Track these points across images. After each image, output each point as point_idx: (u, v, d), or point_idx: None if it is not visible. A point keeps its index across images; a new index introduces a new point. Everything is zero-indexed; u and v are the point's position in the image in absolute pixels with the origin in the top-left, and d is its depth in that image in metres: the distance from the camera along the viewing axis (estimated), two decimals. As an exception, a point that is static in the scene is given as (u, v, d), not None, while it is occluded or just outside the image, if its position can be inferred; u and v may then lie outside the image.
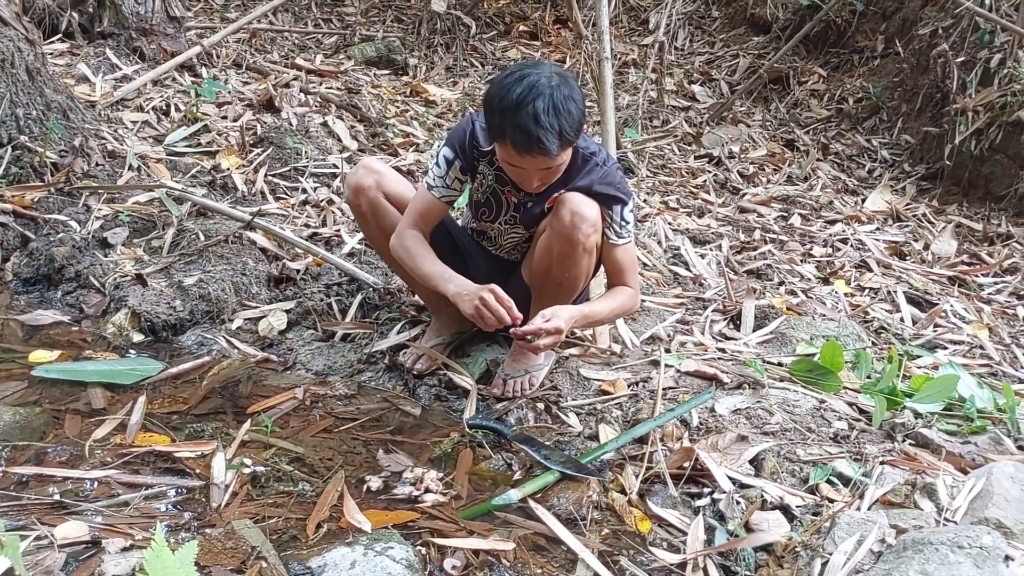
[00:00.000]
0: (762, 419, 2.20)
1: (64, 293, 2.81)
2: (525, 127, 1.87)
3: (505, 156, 2.00)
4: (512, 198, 2.27)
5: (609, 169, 2.18)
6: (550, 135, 1.88)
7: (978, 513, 1.79)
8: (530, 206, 2.26)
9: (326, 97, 4.63)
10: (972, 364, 2.85)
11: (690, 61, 6.64)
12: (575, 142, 2.00)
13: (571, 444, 2.19)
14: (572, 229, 2.10)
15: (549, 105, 1.87)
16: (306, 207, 3.46)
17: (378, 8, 6.83)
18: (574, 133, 1.94)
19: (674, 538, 1.84)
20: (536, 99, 1.87)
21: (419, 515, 1.82)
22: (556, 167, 2.03)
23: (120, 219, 3.09)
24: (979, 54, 4.85)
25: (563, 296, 2.31)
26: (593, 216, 2.12)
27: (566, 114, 1.89)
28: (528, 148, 1.90)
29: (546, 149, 1.89)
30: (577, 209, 2.10)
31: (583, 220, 2.10)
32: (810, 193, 4.70)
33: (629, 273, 2.30)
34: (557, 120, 1.88)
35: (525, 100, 1.87)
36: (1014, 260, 3.98)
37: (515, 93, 1.89)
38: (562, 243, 2.14)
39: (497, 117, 1.92)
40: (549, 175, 2.06)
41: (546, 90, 1.89)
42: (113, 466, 1.89)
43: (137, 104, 4.03)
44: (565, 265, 2.19)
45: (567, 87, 1.92)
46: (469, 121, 2.20)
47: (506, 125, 1.89)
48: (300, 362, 2.57)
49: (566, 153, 2.01)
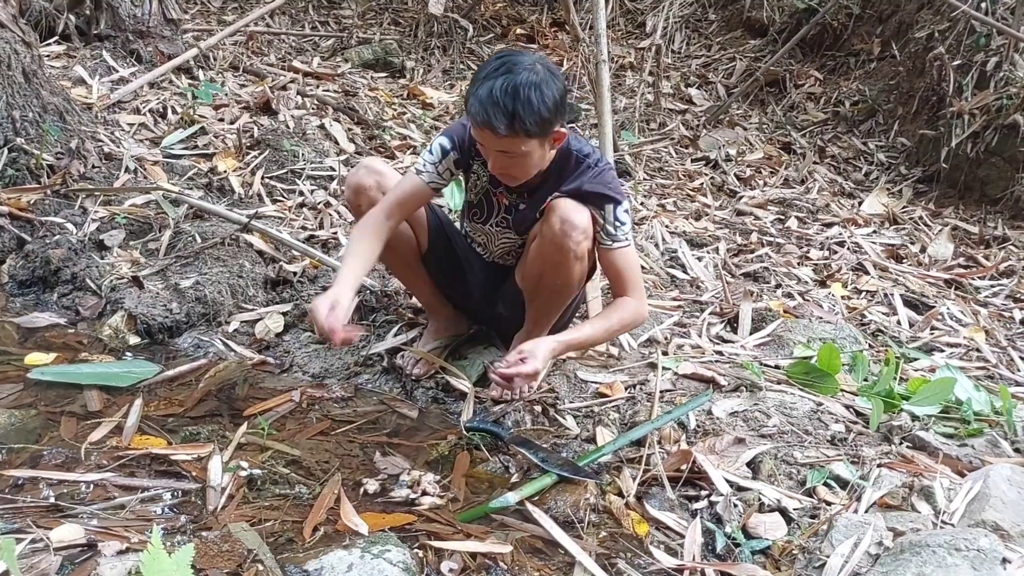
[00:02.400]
0: (759, 422, 2.20)
1: (60, 295, 2.80)
2: (480, 98, 1.88)
3: (479, 136, 1.99)
4: (504, 200, 2.26)
5: (601, 170, 2.15)
6: (499, 113, 1.86)
7: (975, 516, 1.79)
8: (522, 208, 2.23)
9: (323, 100, 4.63)
10: (969, 367, 2.85)
11: (687, 64, 6.65)
12: (534, 134, 1.93)
13: (568, 447, 2.19)
14: (562, 236, 2.08)
15: (509, 85, 1.86)
16: (303, 209, 3.46)
17: (375, 11, 6.84)
18: (532, 123, 1.89)
19: (672, 541, 1.84)
20: (500, 77, 1.88)
21: (416, 518, 1.82)
22: (517, 157, 1.98)
23: (116, 221, 3.08)
24: (975, 57, 4.87)
25: (556, 301, 2.30)
26: (583, 223, 2.09)
27: (524, 100, 1.86)
28: (476, 120, 1.90)
29: (491, 124, 1.88)
30: (567, 216, 2.08)
31: (573, 227, 2.07)
32: (807, 196, 4.71)
33: (628, 281, 2.20)
34: (512, 102, 1.86)
35: (491, 76, 1.89)
36: (1010, 263, 3.99)
37: (488, 69, 1.91)
38: (552, 250, 2.12)
39: (471, 89, 1.93)
40: (509, 163, 2.01)
41: (515, 73, 1.88)
42: (109, 469, 1.88)
43: (134, 106, 4.03)
44: (556, 272, 2.17)
45: (539, 78, 1.90)
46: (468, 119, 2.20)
47: (472, 95, 1.91)
48: (297, 364, 2.57)
49: (525, 144, 1.95)
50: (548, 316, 2.36)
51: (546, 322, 2.37)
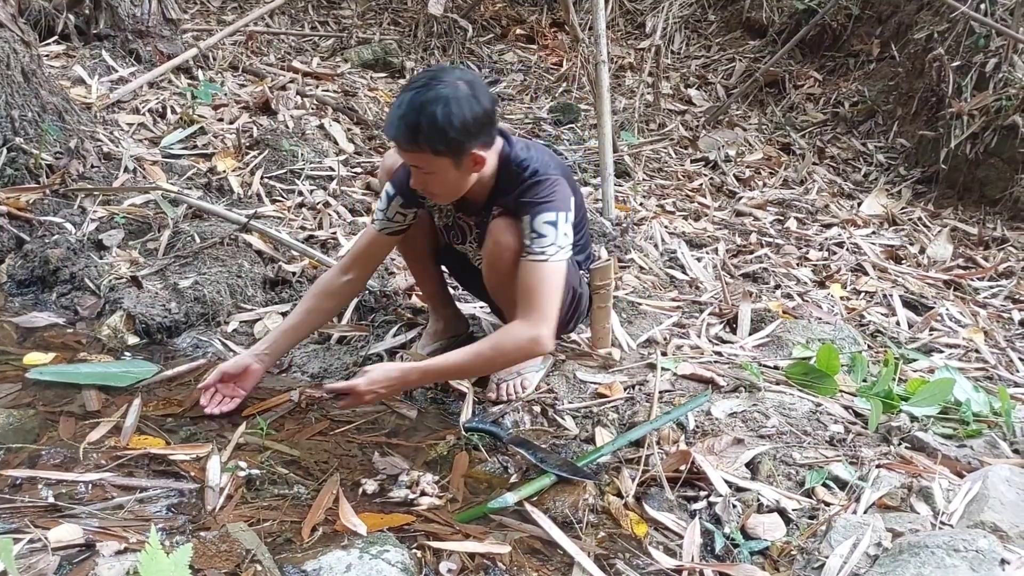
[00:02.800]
0: (758, 422, 2.20)
1: (59, 295, 2.80)
2: (392, 110, 1.92)
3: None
4: (469, 221, 2.27)
5: (536, 180, 2.06)
6: (402, 125, 1.88)
7: (974, 516, 1.79)
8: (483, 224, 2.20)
9: (322, 100, 4.63)
10: (968, 368, 2.86)
11: (686, 65, 6.65)
12: (440, 151, 1.91)
13: (567, 447, 2.18)
14: (495, 258, 2.11)
15: (419, 99, 1.87)
16: (302, 210, 3.46)
17: (375, 11, 6.84)
18: (434, 139, 1.88)
19: (670, 541, 1.84)
20: (416, 90, 1.89)
21: (415, 518, 1.81)
22: (429, 175, 1.98)
23: (115, 221, 3.08)
24: (974, 58, 4.87)
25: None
26: (512, 244, 2.07)
27: (428, 115, 1.85)
28: (388, 134, 1.94)
29: (394, 137, 1.92)
30: (499, 237, 2.08)
31: (504, 248, 2.08)
32: (806, 197, 4.71)
33: (530, 301, 2.03)
34: (416, 116, 1.86)
35: (409, 88, 1.91)
36: (1009, 264, 3.99)
37: (412, 81, 1.94)
38: (489, 270, 2.18)
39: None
40: (425, 180, 2.01)
41: (431, 88, 1.88)
42: (107, 469, 1.88)
43: (133, 106, 4.03)
44: (499, 290, 2.22)
45: (455, 95, 1.87)
46: None
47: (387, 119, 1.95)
48: (295, 364, 2.57)
49: (431, 161, 1.94)
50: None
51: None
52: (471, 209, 2.22)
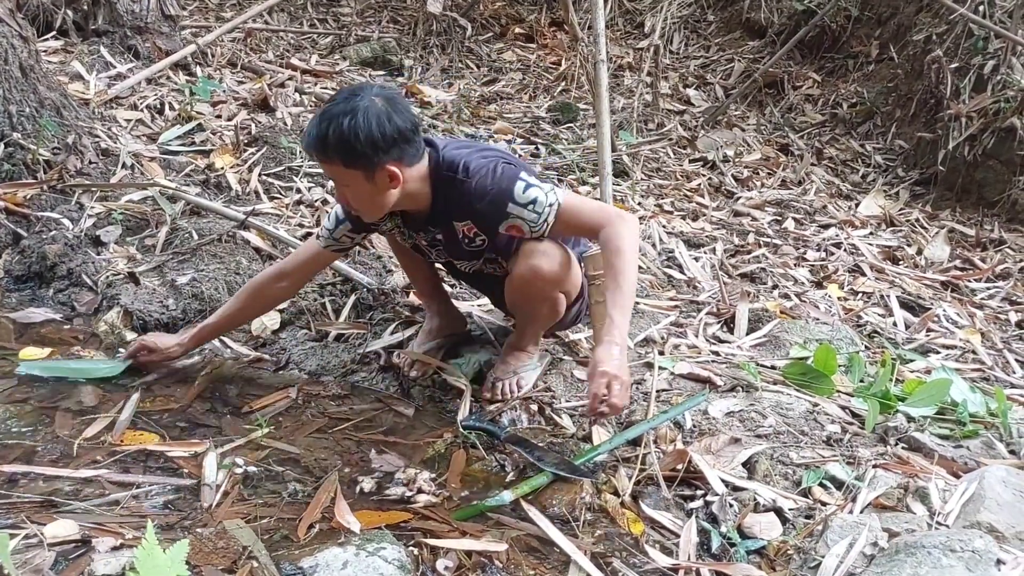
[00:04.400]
0: (755, 422, 2.20)
1: (56, 291, 2.80)
2: (308, 128, 1.96)
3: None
4: (423, 239, 2.25)
5: (473, 180, 2.03)
6: (311, 136, 1.92)
7: (970, 517, 1.79)
8: (439, 238, 2.19)
9: (321, 97, 4.62)
10: (964, 369, 2.86)
11: (685, 65, 6.65)
12: (348, 163, 1.92)
13: (564, 445, 2.18)
14: (526, 284, 2.13)
15: (329, 112, 1.90)
16: (300, 207, 3.45)
17: (374, 9, 6.84)
18: (339, 151, 1.89)
19: (667, 540, 1.84)
20: (328, 104, 1.93)
21: (412, 516, 1.81)
22: (345, 188, 2.00)
23: (113, 217, 3.07)
24: (973, 60, 4.88)
25: (537, 324, 2.35)
26: (549, 269, 2.09)
27: (336, 125, 1.87)
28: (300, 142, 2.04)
29: (306, 145, 1.97)
30: (534, 263, 2.09)
31: (538, 276, 2.10)
32: (804, 197, 4.71)
33: (590, 220, 2.05)
34: (327, 127, 1.88)
35: (329, 101, 1.95)
36: (1006, 265, 4.00)
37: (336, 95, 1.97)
38: (518, 293, 2.20)
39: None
40: (344, 192, 2.02)
41: (347, 101, 1.90)
42: (103, 465, 1.88)
43: (131, 102, 4.02)
44: (525, 308, 2.28)
45: (367, 108, 1.88)
46: None
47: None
48: (293, 362, 2.56)
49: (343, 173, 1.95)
50: (535, 331, 2.39)
51: (534, 334, 2.41)
52: (416, 225, 2.19)
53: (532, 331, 2.38)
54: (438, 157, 2.06)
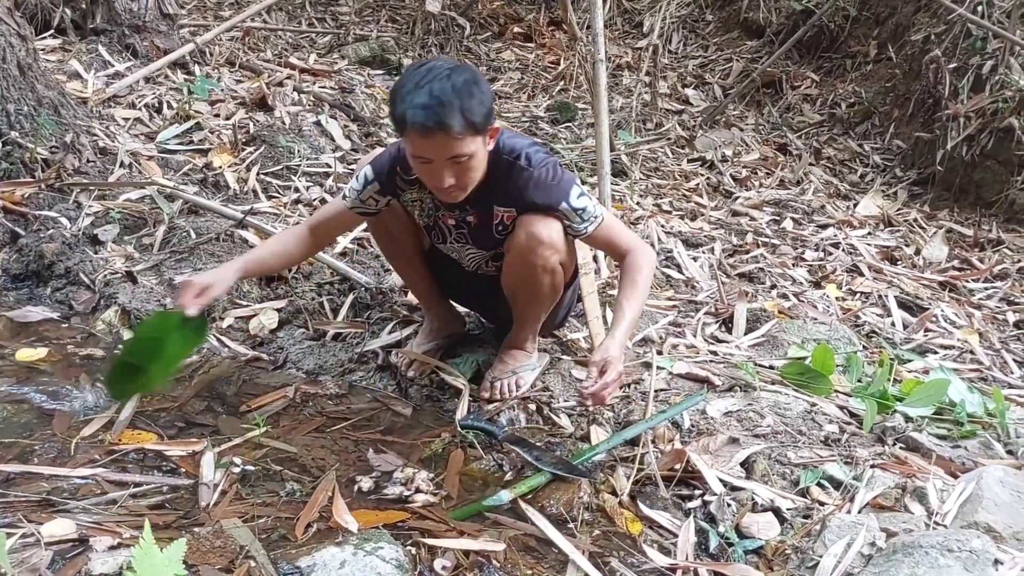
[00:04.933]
0: (753, 422, 2.20)
1: (53, 290, 2.79)
2: (425, 104, 1.79)
3: (412, 150, 1.89)
4: (450, 220, 2.20)
5: (536, 171, 2.07)
6: (450, 110, 1.79)
7: (968, 517, 1.80)
8: (471, 222, 2.18)
9: (319, 96, 4.62)
10: (962, 369, 2.86)
11: (684, 64, 6.66)
12: (481, 130, 1.89)
13: (562, 445, 2.18)
14: (528, 252, 2.09)
15: (448, 84, 1.80)
16: (298, 206, 3.45)
17: (372, 8, 6.83)
18: (479, 117, 1.85)
19: (665, 540, 1.84)
20: (434, 79, 1.80)
21: (409, 515, 1.81)
22: (466, 160, 1.90)
23: (111, 216, 3.07)
24: (971, 60, 4.88)
25: (535, 309, 2.32)
26: (550, 237, 2.08)
27: (467, 94, 1.81)
28: (429, 126, 1.79)
29: (446, 124, 1.79)
30: (533, 230, 2.07)
31: (539, 243, 2.08)
32: (802, 197, 4.71)
33: (621, 243, 2.18)
34: (458, 97, 1.80)
35: (423, 81, 1.81)
36: (1004, 266, 4.00)
37: (414, 78, 1.83)
38: (520, 264, 2.14)
39: (399, 105, 1.83)
40: (461, 170, 1.92)
41: (444, 72, 1.82)
42: (101, 464, 1.88)
43: (129, 101, 4.01)
44: (526, 285, 2.20)
45: (468, 73, 1.86)
46: (395, 146, 2.13)
47: (407, 108, 1.80)
48: (291, 361, 2.56)
49: (474, 142, 1.89)
50: (533, 321, 2.38)
51: (532, 327, 2.39)
52: (454, 204, 2.10)
53: (532, 321, 2.36)
54: (498, 139, 2.06)
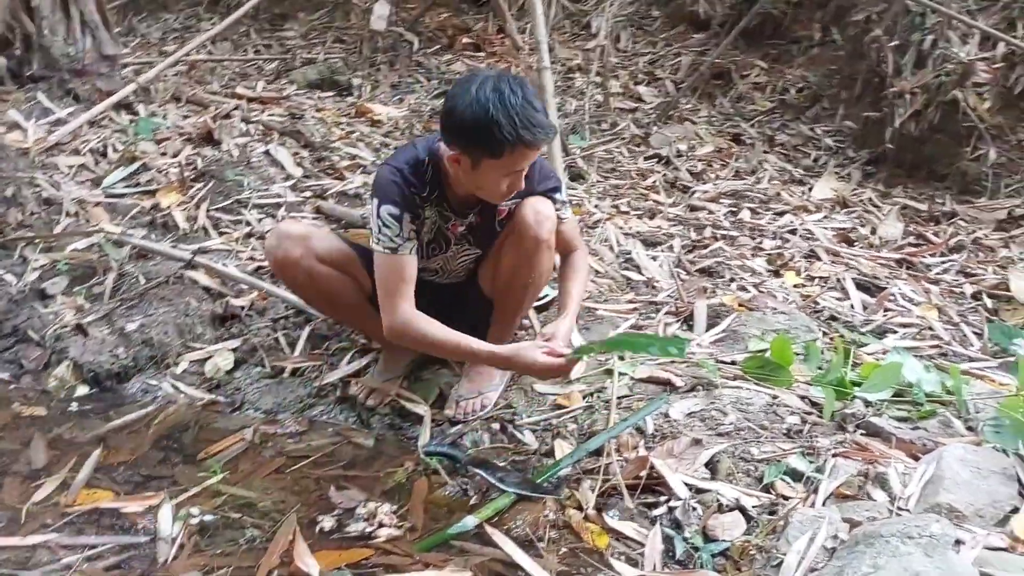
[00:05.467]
0: (716, 420, 2.20)
1: (1, 350, 2.74)
2: (541, 123, 1.97)
3: (512, 164, 2.02)
4: (458, 228, 2.29)
5: (536, 164, 2.24)
6: (546, 117, 2.01)
7: (930, 499, 1.81)
8: (474, 223, 2.29)
9: (268, 125, 4.57)
10: (922, 346, 2.88)
11: (634, 62, 6.67)
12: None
13: (528, 462, 2.17)
14: (537, 227, 2.20)
15: (530, 94, 1.98)
16: (250, 240, 3.40)
17: (318, 30, 6.79)
18: None
19: (632, 551, 1.83)
20: (522, 95, 1.95)
21: (373, 552, 1.80)
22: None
23: (58, 268, 3.02)
24: (912, 37, 4.92)
25: (527, 297, 2.39)
26: (552, 214, 2.25)
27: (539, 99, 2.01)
28: (543, 138, 2.00)
29: (554, 129, 2.05)
30: (538, 208, 2.22)
31: (546, 218, 2.22)
32: (758, 186, 4.73)
33: (575, 239, 2.46)
34: (539, 102, 2.00)
35: (514, 100, 1.93)
36: (960, 238, 4.04)
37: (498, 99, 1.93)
38: (528, 242, 2.21)
39: (505, 129, 1.92)
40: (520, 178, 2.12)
41: (515, 84, 1.96)
42: (54, 528, 1.84)
43: (73, 147, 3.95)
44: (531, 264, 2.26)
45: (518, 77, 2.03)
46: (393, 172, 2.14)
47: (517, 129, 1.93)
48: (248, 401, 2.53)
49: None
50: (518, 315, 2.46)
51: (514, 322, 2.46)
52: (462, 208, 2.25)
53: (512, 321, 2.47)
54: None
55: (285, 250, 2.26)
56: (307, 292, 2.43)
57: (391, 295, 2.15)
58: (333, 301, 2.40)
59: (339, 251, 2.33)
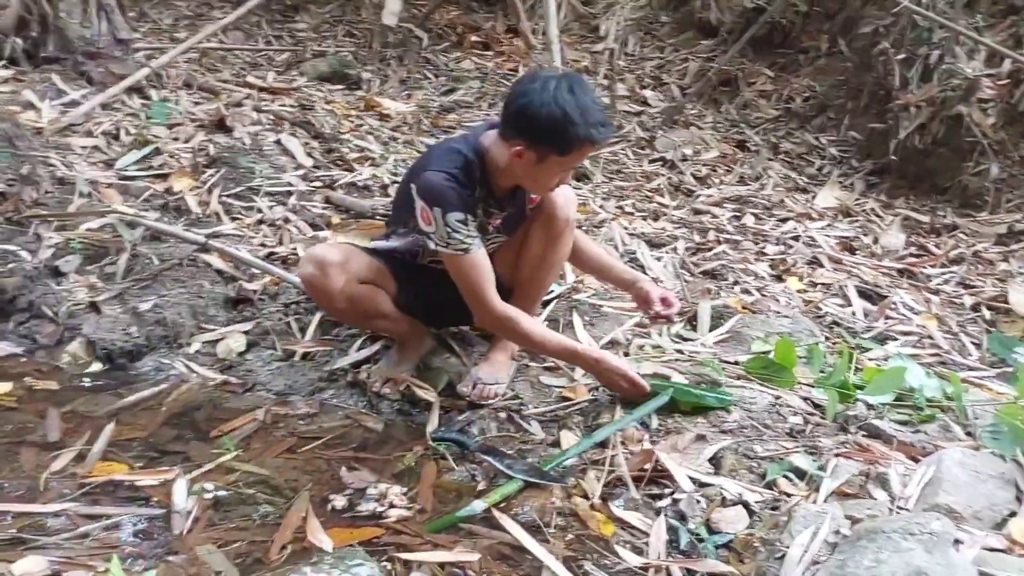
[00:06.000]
0: (720, 417, 2.24)
1: (16, 324, 2.76)
2: (601, 120, 2.08)
3: (576, 161, 2.17)
4: (497, 220, 2.36)
5: None
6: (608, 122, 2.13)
7: (929, 499, 1.85)
8: (510, 213, 2.38)
9: (279, 115, 4.61)
10: (922, 354, 2.93)
11: (641, 66, 6.72)
12: None
13: (534, 451, 2.21)
14: (567, 209, 2.35)
15: (595, 96, 2.12)
16: (262, 226, 3.44)
17: (329, 23, 6.83)
18: None
19: (637, 540, 1.87)
20: (591, 97, 2.09)
21: (384, 531, 1.83)
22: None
23: (72, 247, 3.04)
24: (919, 51, 4.99)
25: (549, 278, 2.52)
26: (575, 198, 2.43)
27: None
28: (608, 135, 2.15)
29: (613, 129, 2.24)
30: (567, 194, 2.37)
31: (573, 202, 2.39)
32: (762, 192, 4.78)
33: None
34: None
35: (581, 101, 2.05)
36: (960, 250, 4.10)
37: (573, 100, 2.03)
38: (559, 223, 2.36)
39: (579, 128, 2.03)
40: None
41: (583, 86, 2.08)
42: (71, 498, 1.87)
43: (86, 129, 3.98)
44: (557, 246, 2.40)
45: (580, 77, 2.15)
46: (447, 178, 2.15)
47: (589, 127, 2.05)
48: (260, 383, 2.56)
49: None
50: (539, 296, 2.59)
51: (536, 303, 2.58)
52: (504, 201, 2.34)
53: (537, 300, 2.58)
54: None
55: (328, 278, 2.25)
56: (345, 315, 2.50)
57: (482, 291, 2.23)
58: (369, 315, 2.43)
59: (372, 267, 2.35)
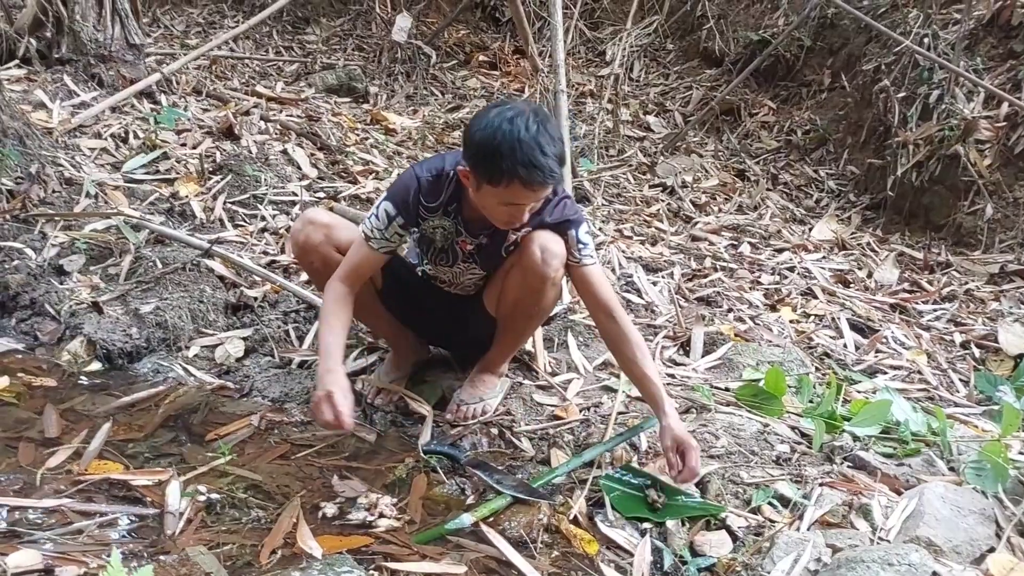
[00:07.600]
0: (708, 442, 2.27)
1: (18, 321, 2.80)
2: (535, 161, 1.89)
3: (509, 197, 1.97)
4: (467, 247, 2.28)
5: (557, 201, 2.21)
6: (553, 163, 1.92)
7: (910, 532, 1.88)
8: (485, 244, 2.27)
9: (286, 125, 4.67)
10: (911, 389, 2.96)
11: (645, 92, 6.81)
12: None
13: (524, 468, 2.24)
14: (543, 265, 2.18)
15: (547, 137, 1.91)
16: (264, 235, 3.48)
17: (339, 36, 6.90)
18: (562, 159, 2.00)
19: (621, 559, 1.90)
20: (535, 134, 1.89)
21: (373, 540, 1.85)
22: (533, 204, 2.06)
23: (76, 246, 3.08)
24: (919, 90, 5.07)
25: (530, 325, 2.45)
26: (561, 252, 2.20)
27: (559, 140, 1.95)
28: (541, 181, 1.92)
29: (555, 177, 1.94)
30: (546, 245, 2.18)
31: (553, 256, 2.18)
32: (759, 222, 4.84)
33: (611, 298, 2.26)
34: (554, 147, 1.92)
35: (524, 135, 1.89)
36: (952, 288, 4.14)
37: (515, 134, 1.89)
38: (532, 278, 2.20)
39: (504, 160, 1.89)
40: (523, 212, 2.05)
41: (535, 121, 1.92)
42: (67, 494, 1.90)
43: (95, 131, 4.03)
44: (534, 299, 2.27)
45: (546, 117, 1.98)
46: (413, 178, 2.18)
47: (516, 165, 1.89)
48: (256, 389, 2.59)
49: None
50: (519, 341, 2.51)
51: (513, 350, 2.52)
52: (475, 229, 2.23)
53: (516, 343, 2.50)
54: None
55: (307, 234, 2.30)
56: (320, 279, 2.40)
57: (340, 268, 2.22)
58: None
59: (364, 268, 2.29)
